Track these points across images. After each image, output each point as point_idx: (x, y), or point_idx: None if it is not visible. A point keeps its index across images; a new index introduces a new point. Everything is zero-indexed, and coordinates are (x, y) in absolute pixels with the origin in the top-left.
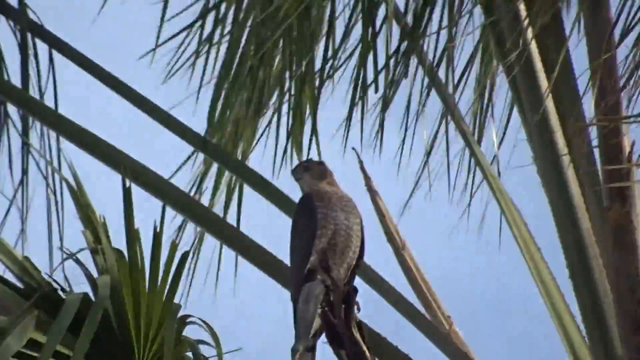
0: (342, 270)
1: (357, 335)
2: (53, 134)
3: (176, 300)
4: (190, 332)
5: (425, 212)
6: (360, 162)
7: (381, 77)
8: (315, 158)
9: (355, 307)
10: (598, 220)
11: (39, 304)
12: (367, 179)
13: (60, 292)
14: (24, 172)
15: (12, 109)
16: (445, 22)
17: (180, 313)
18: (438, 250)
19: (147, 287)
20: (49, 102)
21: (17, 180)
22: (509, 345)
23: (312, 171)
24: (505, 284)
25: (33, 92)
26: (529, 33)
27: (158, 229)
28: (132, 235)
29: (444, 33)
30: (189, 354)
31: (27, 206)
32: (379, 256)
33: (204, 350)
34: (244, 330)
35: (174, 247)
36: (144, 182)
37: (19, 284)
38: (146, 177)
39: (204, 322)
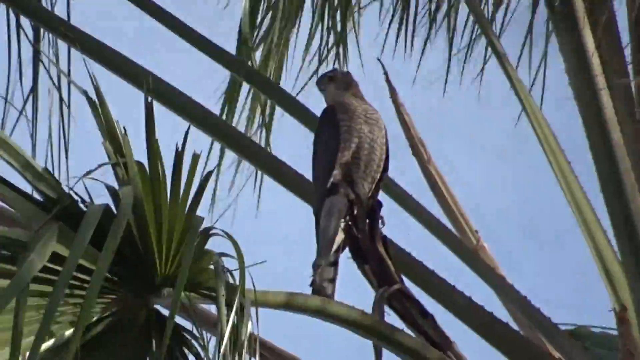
0: (366, 184)
1: (382, 251)
2: (66, 47)
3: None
4: (213, 247)
5: (453, 125)
6: (386, 74)
7: None
8: (341, 68)
9: (380, 221)
10: (630, 133)
11: (59, 217)
12: (392, 91)
13: (81, 205)
14: (34, 80)
15: (24, 22)
16: None
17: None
18: (466, 164)
19: (168, 200)
20: (62, 13)
21: (30, 100)
22: (539, 261)
23: (336, 82)
24: (535, 199)
25: (46, 2)
26: None
27: (180, 147)
28: (153, 148)
29: None
30: (212, 267)
31: (36, 118)
32: (404, 170)
33: (227, 263)
34: (266, 248)
35: (195, 159)
36: (166, 99)
37: (39, 197)
38: (168, 93)
39: (226, 233)
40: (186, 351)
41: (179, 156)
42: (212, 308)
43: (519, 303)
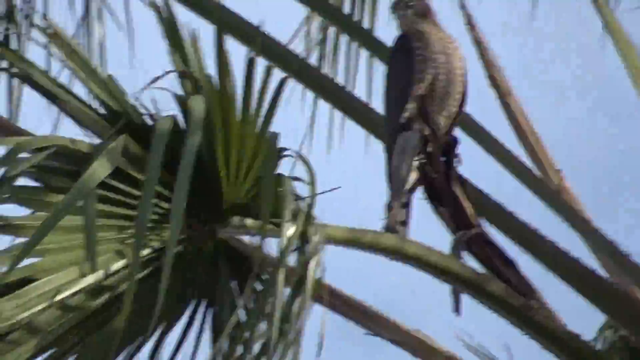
0: (442, 118)
1: (458, 191)
2: None
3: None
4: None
5: (535, 70)
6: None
7: None
8: None
9: (457, 159)
10: None
11: (124, 130)
12: (467, 16)
13: (147, 118)
14: None
15: None
16: None
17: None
18: (549, 110)
19: (238, 116)
20: None
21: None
22: (626, 206)
23: (414, 8)
24: (625, 151)
25: None
26: None
27: (251, 59)
28: (222, 59)
29: None
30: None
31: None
32: (481, 104)
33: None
34: (338, 187)
35: (268, 71)
36: (236, 30)
37: (102, 108)
38: (238, 23)
39: (301, 156)
40: (255, 285)
41: (249, 66)
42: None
43: (606, 248)
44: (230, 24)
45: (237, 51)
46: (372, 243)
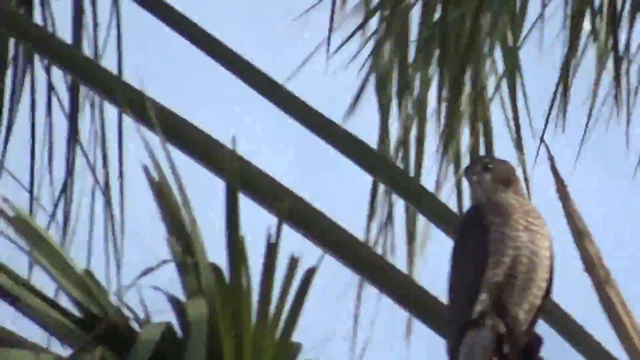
0: (522, 312)
1: None
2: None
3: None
4: None
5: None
6: (551, 159)
7: None
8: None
9: None
10: None
11: (103, 338)
12: (559, 182)
13: (133, 323)
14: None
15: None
16: None
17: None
18: None
19: (253, 318)
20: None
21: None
22: None
23: (494, 172)
24: None
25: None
26: None
27: (274, 240)
28: (236, 246)
29: None
30: None
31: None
32: (573, 292)
33: None
34: None
35: (294, 263)
36: (251, 182)
37: (77, 311)
38: (253, 175)
39: None
40: None
41: (270, 256)
42: None
43: None
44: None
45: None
46: None
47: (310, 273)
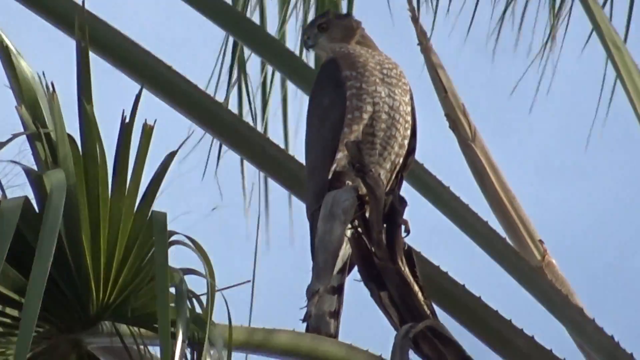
0: (383, 172)
1: (405, 269)
2: None
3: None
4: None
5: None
6: (412, 10)
7: None
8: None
9: (403, 227)
10: None
11: None
12: (421, 35)
13: None
14: None
15: None
16: None
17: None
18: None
19: (110, 190)
20: None
21: None
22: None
23: (331, 30)
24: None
25: None
26: None
27: (128, 117)
28: (87, 115)
29: None
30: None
31: None
32: (438, 151)
33: (193, 282)
34: (246, 269)
35: (148, 132)
36: (107, 46)
37: None
38: (111, 39)
39: (193, 241)
40: None
41: (126, 128)
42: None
43: (602, 345)
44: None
45: (107, 91)
46: (286, 348)
47: (171, 154)
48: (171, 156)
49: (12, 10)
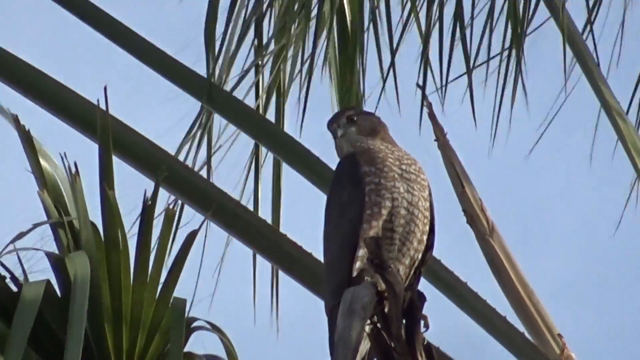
0: (402, 267)
1: None
2: None
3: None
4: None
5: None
6: (429, 106)
7: None
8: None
9: (422, 322)
10: None
11: None
12: (438, 130)
13: (10, 282)
14: None
15: None
16: None
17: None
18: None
19: (132, 276)
20: None
21: None
22: None
23: (359, 123)
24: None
25: None
26: None
27: (149, 201)
28: (109, 201)
29: None
30: None
31: None
32: (455, 246)
33: None
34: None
35: (170, 218)
36: (127, 147)
37: None
38: (128, 139)
39: (214, 326)
40: None
41: (148, 212)
42: None
43: None
44: (121, 141)
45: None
46: None
47: (191, 236)
48: (192, 237)
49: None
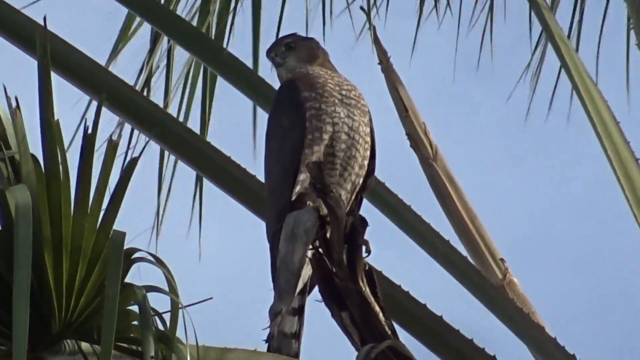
0: (344, 192)
1: (366, 290)
2: None
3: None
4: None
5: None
6: (372, 30)
7: None
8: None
9: (364, 248)
10: None
11: None
12: (382, 54)
13: None
14: None
15: None
16: None
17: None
18: (484, 171)
19: (72, 207)
20: None
21: None
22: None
23: (298, 50)
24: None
25: None
26: None
27: (90, 129)
28: (50, 132)
29: None
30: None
31: None
32: (398, 170)
33: (156, 299)
34: (208, 280)
35: (113, 149)
36: (68, 66)
37: None
38: (71, 59)
39: (156, 258)
40: None
41: (88, 142)
42: None
43: None
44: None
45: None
46: None
47: (133, 162)
48: (132, 164)
49: None
